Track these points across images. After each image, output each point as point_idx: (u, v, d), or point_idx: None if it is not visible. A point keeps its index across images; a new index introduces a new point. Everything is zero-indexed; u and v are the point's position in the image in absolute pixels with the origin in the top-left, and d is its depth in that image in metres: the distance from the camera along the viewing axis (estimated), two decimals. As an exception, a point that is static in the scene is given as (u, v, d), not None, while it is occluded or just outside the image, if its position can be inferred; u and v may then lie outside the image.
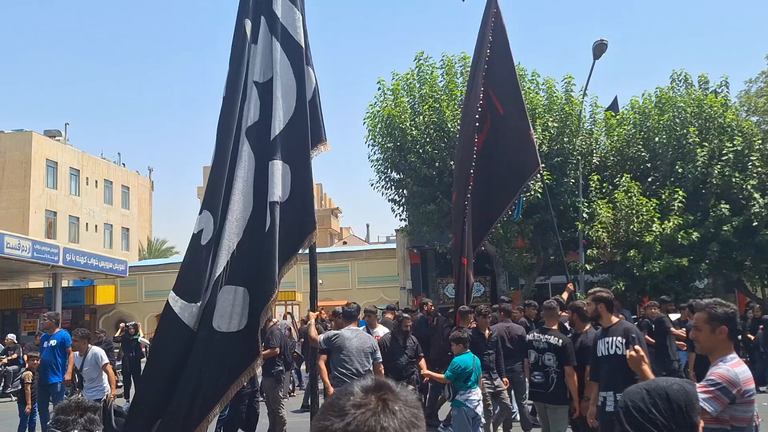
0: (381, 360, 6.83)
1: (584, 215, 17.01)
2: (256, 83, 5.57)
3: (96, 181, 41.02)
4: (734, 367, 3.34)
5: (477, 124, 9.01)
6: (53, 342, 10.43)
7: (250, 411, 9.10)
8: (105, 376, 8.81)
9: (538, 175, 9.75)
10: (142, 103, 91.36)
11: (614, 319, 5.81)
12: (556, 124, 17.23)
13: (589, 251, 16.91)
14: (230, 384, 4.95)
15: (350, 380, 6.06)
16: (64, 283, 30.12)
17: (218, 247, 5.11)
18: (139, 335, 14.41)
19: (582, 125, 17.99)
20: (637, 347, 3.59)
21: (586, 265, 16.91)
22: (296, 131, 5.57)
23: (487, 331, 8.62)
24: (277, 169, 5.37)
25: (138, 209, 46.29)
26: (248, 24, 5.67)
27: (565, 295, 8.79)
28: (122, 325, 14.97)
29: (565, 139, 17.29)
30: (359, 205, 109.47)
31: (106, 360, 9.02)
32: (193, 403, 4.86)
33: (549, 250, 18.32)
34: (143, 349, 16.09)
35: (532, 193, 16.24)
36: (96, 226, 40.54)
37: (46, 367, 10.21)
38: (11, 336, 19.23)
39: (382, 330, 9.37)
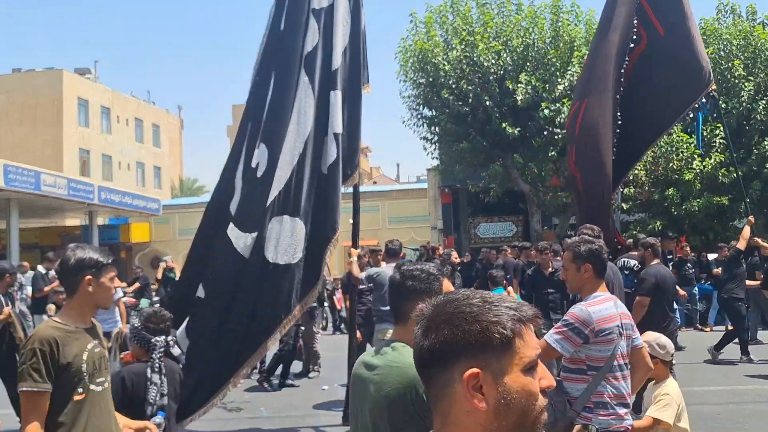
0: None
1: (622, 153, 16.59)
2: (313, 11, 5.49)
3: (127, 120, 41.22)
4: (589, 306, 3.26)
5: (632, 45, 7.68)
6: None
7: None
8: (117, 310, 8.98)
9: None
10: (171, 41, 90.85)
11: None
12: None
13: (625, 190, 16.56)
14: (284, 316, 4.99)
15: (391, 318, 6.10)
16: (100, 221, 30.73)
17: (272, 178, 5.14)
18: (175, 274, 14.65)
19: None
20: None
21: (623, 204, 16.59)
22: (354, 63, 5.55)
23: (549, 269, 8.17)
24: (339, 100, 5.35)
25: (169, 148, 46.60)
26: None
27: (746, 230, 8.72)
28: (162, 264, 15.20)
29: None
30: (389, 144, 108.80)
31: (119, 294, 9.31)
32: (247, 332, 4.94)
33: (584, 189, 18.00)
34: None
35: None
36: (128, 164, 41.00)
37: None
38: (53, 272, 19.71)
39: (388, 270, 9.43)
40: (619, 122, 7.42)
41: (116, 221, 33.05)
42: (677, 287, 9.07)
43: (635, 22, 7.68)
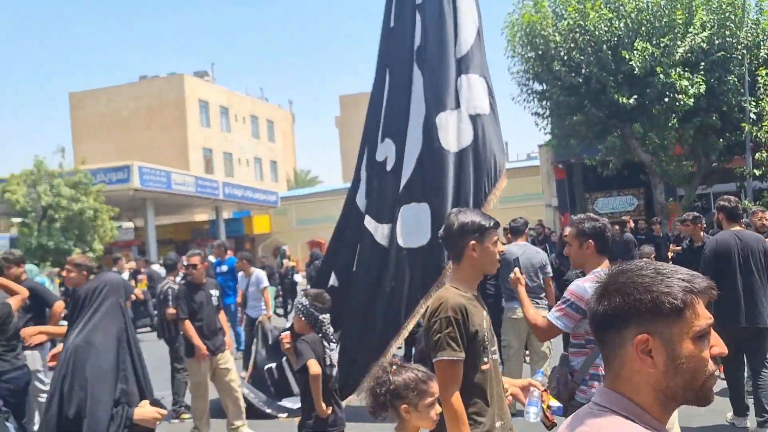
0: (551, 275, 6.69)
1: (751, 115, 15.42)
2: (418, 6, 5.59)
3: (243, 117, 43.30)
4: (586, 282, 3.33)
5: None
6: (224, 267, 11.35)
7: None
8: (263, 297, 9.35)
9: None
10: (280, 38, 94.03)
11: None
12: (713, 16, 15.53)
13: (757, 155, 15.42)
14: (420, 299, 5.16)
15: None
16: (225, 215, 32.56)
17: (400, 169, 5.31)
18: (295, 273, 15.26)
19: (747, 15, 16.10)
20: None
21: (755, 170, 15.47)
22: (482, 45, 5.58)
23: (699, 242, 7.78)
24: (475, 82, 5.39)
25: (282, 142, 48.46)
26: None
27: None
28: (286, 263, 15.84)
29: (726, 33, 15.58)
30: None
31: (265, 283, 9.58)
32: (386, 319, 5.18)
33: (711, 156, 16.94)
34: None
35: (691, 93, 14.94)
36: (247, 160, 43.09)
37: (221, 290, 11.15)
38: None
39: (514, 248, 9.49)
40: None
41: (239, 214, 34.90)
42: None
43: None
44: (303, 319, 4.03)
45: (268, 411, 6.69)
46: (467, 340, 2.55)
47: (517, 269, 3.89)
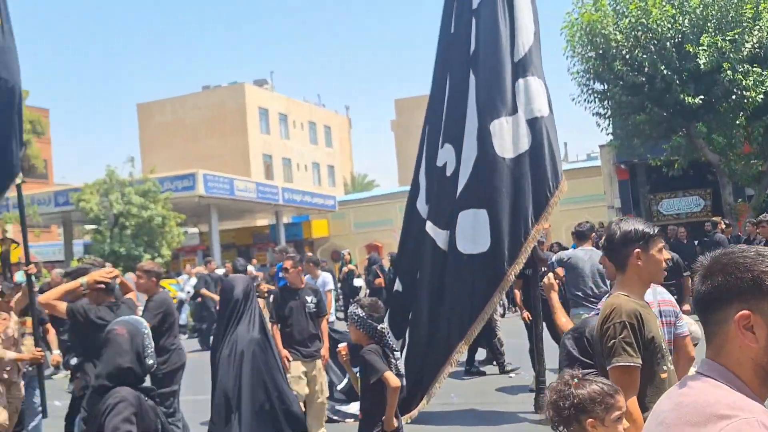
0: None
1: (827, 111, 14.79)
2: (474, 11, 5.58)
3: (301, 124, 44.06)
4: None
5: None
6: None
7: None
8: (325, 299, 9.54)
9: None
10: (335, 44, 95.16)
11: None
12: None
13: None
14: (483, 304, 5.20)
15: (585, 302, 6.00)
16: (285, 220, 33.19)
17: (458, 174, 5.34)
18: (356, 276, 15.39)
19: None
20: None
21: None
22: (539, 47, 5.55)
23: None
24: (534, 83, 5.35)
25: (339, 146, 49.02)
26: None
27: None
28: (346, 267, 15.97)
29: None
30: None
31: (330, 286, 9.75)
32: (450, 325, 5.24)
33: (783, 154, 16.29)
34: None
35: (760, 89, 14.40)
36: (305, 165, 43.80)
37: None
38: (250, 267, 21.68)
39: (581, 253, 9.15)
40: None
41: (298, 219, 35.48)
42: None
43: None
44: (361, 330, 3.91)
45: (335, 417, 6.75)
46: (643, 347, 2.49)
47: (551, 275, 3.81)
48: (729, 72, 14.28)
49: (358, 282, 14.28)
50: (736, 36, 14.52)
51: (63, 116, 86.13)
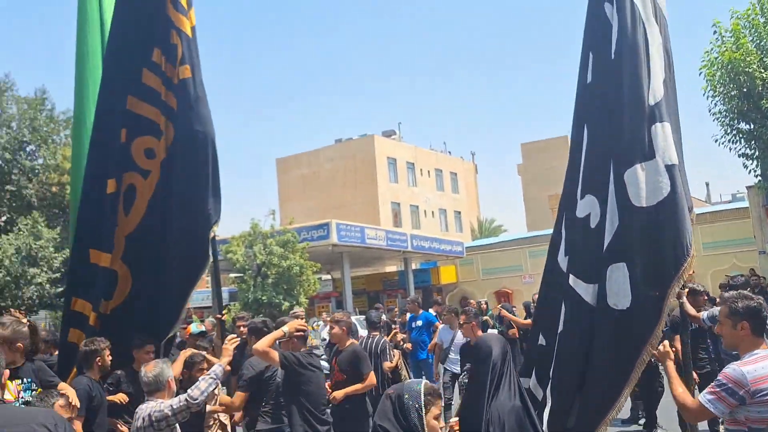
0: None
1: None
2: (614, 61, 5.57)
3: (428, 171, 44.86)
4: (743, 366, 3.14)
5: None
6: (419, 322, 11.75)
7: None
8: None
9: None
10: (461, 91, 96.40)
11: None
12: None
13: None
14: (634, 361, 5.09)
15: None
16: (413, 266, 33.64)
17: (604, 227, 5.30)
18: (490, 326, 15.27)
19: None
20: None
21: None
22: (671, 90, 5.47)
23: None
24: (668, 129, 5.28)
25: (466, 192, 49.22)
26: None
27: None
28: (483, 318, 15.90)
29: None
30: (692, 162, 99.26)
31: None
32: (604, 380, 5.17)
33: None
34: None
35: None
36: (432, 212, 44.35)
37: (416, 345, 11.49)
38: (384, 317, 22.12)
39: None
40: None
41: (426, 265, 35.81)
42: None
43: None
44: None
45: None
46: None
47: (666, 342, 3.66)
48: None
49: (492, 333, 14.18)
50: None
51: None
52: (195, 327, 7.90)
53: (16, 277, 19.50)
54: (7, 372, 2.69)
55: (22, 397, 4.20)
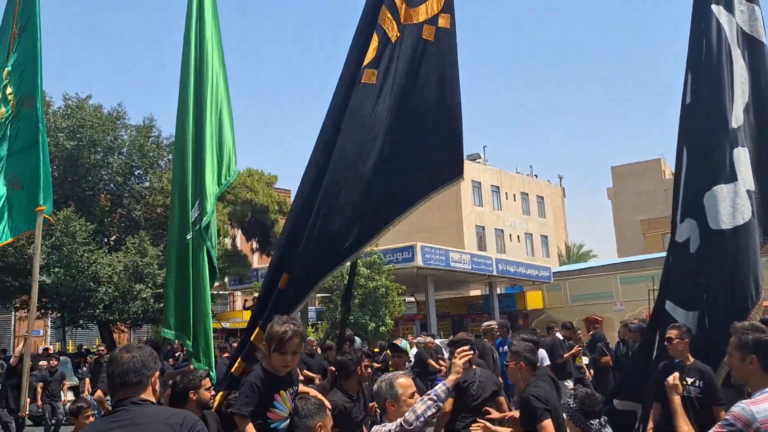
0: None
1: None
2: (709, 78, 5.53)
3: (514, 195, 44.51)
4: (753, 405, 2.94)
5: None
6: (506, 348, 11.85)
7: None
8: None
9: None
10: (547, 114, 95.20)
11: None
12: None
13: None
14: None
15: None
16: (498, 290, 33.39)
17: (702, 253, 5.22)
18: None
19: None
20: None
21: None
22: (754, 117, 5.43)
23: None
24: (745, 156, 5.23)
25: (553, 216, 48.40)
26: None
27: None
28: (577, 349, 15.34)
29: None
30: None
31: (547, 362, 9.68)
32: None
33: None
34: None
35: None
36: (518, 236, 43.89)
37: (504, 370, 11.60)
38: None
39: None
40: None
41: (512, 290, 35.40)
42: None
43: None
44: (572, 422, 3.69)
45: None
46: None
47: (676, 374, 3.48)
48: None
49: (583, 360, 13.92)
50: None
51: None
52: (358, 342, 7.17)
53: (124, 293, 20.91)
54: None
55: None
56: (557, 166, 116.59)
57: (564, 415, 3.89)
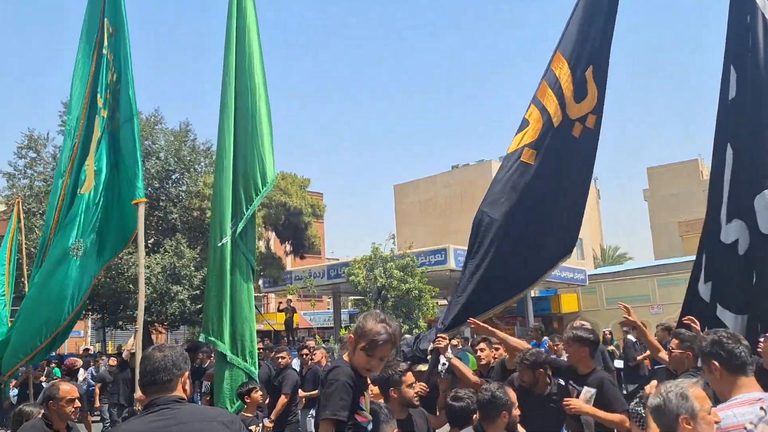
0: None
1: None
2: (752, 81, 5.36)
3: (548, 197, 43.99)
4: (721, 411, 2.86)
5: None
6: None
7: None
8: None
9: None
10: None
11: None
12: None
13: None
14: None
15: None
16: (532, 293, 33.02)
17: (755, 253, 5.06)
18: (616, 357, 14.61)
19: None
20: None
21: None
22: None
23: None
24: None
25: (588, 218, 47.44)
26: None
27: None
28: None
29: None
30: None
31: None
32: None
33: None
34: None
35: None
36: (552, 238, 43.33)
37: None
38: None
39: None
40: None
41: (546, 293, 34.99)
42: None
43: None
44: (639, 427, 3.57)
45: None
46: None
47: (654, 382, 3.43)
48: None
49: (618, 364, 13.74)
50: None
51: (329, 196, 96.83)
52: None
53: (161, 294, 21.30)
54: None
55: None
56: (596, 168, 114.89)
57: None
